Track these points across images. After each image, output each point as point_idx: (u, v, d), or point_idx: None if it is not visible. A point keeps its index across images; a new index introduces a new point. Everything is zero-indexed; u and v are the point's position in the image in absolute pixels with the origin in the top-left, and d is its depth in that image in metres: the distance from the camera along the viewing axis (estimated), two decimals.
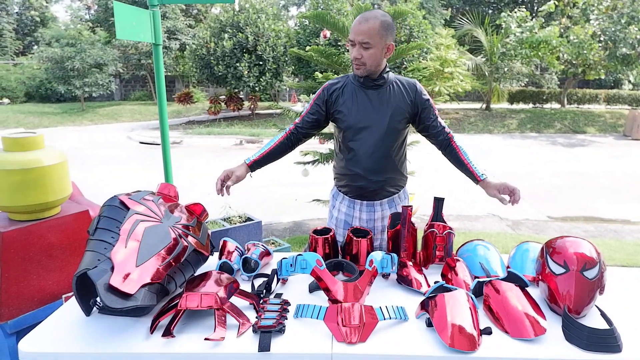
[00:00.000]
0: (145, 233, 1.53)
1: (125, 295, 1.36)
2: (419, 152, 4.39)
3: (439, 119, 2.08)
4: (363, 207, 2.12)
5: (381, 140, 1.99)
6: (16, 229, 1.91)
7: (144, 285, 1.41)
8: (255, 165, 2.03)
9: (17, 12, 27.23)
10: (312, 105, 2.07)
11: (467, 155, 2.06)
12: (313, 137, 2.22)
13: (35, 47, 22.52)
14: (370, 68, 1.92)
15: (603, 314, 1.40)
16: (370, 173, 2.03)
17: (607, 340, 1.29)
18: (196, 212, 1.84)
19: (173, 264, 1.53)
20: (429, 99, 2.04)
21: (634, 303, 1.59)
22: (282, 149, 2.08)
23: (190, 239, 1.65)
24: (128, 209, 1.59)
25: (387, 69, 2.00)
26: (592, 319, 1.44)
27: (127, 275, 1.39)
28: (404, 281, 1.70)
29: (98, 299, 1.50)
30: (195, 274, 1.70)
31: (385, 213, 2.13)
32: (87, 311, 1.48)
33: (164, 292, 1.52)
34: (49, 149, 2.02)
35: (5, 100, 19.39)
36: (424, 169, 7.81)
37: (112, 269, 1.39)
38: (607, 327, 1.34)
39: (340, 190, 2.18)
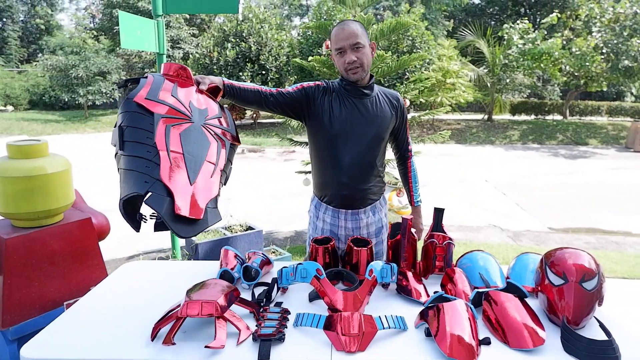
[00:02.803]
0: (182, 140, 1.40)
1: (193, 220, 1.32)
2: (422, 163, 4.41)
3: (408, 134, 2.22)
4: (348, 216, 2.11)
5: (368, 149, 2.01)
6: (19, 235, 1.92)
7: (206, 204, 1.36)
8: (230, 86, 1.84)
9: (22, 20, 27.52)
10: (300, 89, 1.98)
11: (415, 178, 2.27)
12: (276, 115, 2.11)
13: (40, 54, 22.69)
14: (367, 69, 1.92)
15: (602, 325, 1.40)
16: (356, 182, 2.03)
17: (605, 351, 1.29)
18: (215, 96, 1.70)
19: (220, 170, 1.45)
20: (406, 114, 2.15)
21: (633, 315, 1.59)
22: (255, 97, 1.91)
23: (223, 133, 1.53)
24: (151, 112, 1.43)
25: (373, 79, 2.02)
26: (590, 330, 1.44)
27: (189, 199, 1.32)
28: (404, 291, 1.70)
29: (147, 215, 1.43)
30: (232, 166, 1.63)
31: (369, 220, 2.14)
32: (137, 227, 1.43)
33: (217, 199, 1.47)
34: (53, 157, 2.04)
35: (9, 108, 19.52)
36: (426, 179, 7.82)
37: (169, 194, 1.31)
38: (606, 338, 1.34)
39: (322, 201, 2.15)
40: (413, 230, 1.90)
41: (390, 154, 2.33)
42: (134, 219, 1.42)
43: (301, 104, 1.98)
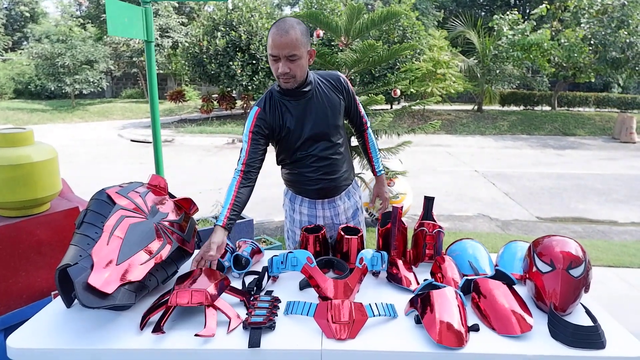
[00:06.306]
0: (129, 229, 1.53)
1: (103, 294, 1.36)
2: (413, 153, 4.41)
3: (360, 107, 2.17)
4: (325, 205, 2.12)
5: (328, 142, 2.00)
6: (5, 225, 1.89)
7: (123, 284, 1.41)
8: (229, 222, 1.80)
9: (6, 7, 26.91)
10: (253, 136, 1.92)
11: (373, 148, 2.26)
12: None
13: (25, 43, 22.30)
14: (300, 79, 1.86)
15: (588, 312, 1.43)
16: (326, 175, 2.04)
17: (591, 336, 1.31)
18: (185, 207, 1.84)
19: (155, 262, 1.53)
20: (352, 89, 2.09)
21: (618, 301, 1.62)
22: (245, 193, 1.89)
23: (174, 236, 1.66)
24: (115, 203, 1.60)
25: (308, 72, 1.93)
26: (577, 317, 1.46)
27: (106, 274, 1.39)
28: (394, 279, 1.72)
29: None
30: (178, 270, 1.71)
31: (346, 205, 2.15)
32: (68, 303, 1.50)
33: (144, 289, 1.53)
34: (39, 145, 2.01)
35: None
36: (417, 169, 7.85)
37: (92, 266, 1.39)
38: (591, 324, 1.36)
39: (297, 194, 2.16)
40: (404, 219, 1.91)
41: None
42: (69, 294, 1.49)
43: (266, 143, 1.98)
